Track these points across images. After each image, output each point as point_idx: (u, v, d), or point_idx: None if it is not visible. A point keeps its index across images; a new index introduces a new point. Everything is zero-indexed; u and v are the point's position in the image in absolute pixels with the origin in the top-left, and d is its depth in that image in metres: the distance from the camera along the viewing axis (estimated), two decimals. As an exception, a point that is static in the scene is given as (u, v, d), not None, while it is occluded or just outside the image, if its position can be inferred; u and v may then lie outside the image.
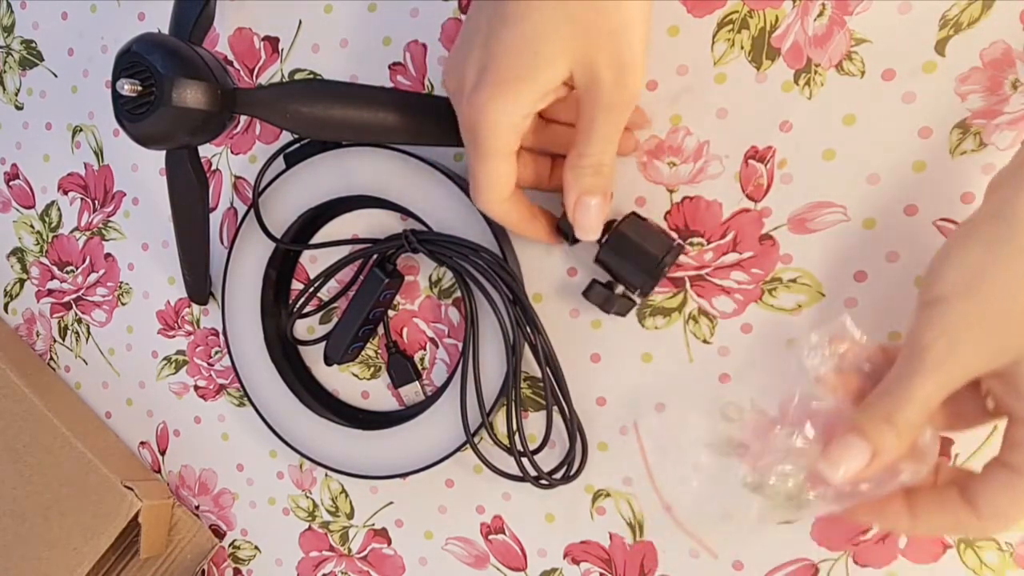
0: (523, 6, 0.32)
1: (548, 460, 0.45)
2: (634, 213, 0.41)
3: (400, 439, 0.47)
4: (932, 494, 0.32)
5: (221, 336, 0.53)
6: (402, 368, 0.49)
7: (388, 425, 0.48)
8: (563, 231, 0.41)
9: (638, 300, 0.42)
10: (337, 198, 0.47)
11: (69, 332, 0.60)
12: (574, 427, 0.44)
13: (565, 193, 0.37)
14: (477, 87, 0.33)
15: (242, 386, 0.51)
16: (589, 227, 0.38)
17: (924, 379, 0.29)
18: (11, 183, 0.61)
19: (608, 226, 0.40)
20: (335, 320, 0.51)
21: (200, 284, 0.52)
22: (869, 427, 0.30)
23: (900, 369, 0.30)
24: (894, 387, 0.30)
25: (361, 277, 0.49)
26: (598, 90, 0.33)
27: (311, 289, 0.49)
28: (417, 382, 0.49)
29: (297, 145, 0.48)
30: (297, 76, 0.50)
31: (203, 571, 0.57)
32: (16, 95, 0.60)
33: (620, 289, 0.41)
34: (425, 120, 0.42)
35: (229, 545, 0.56)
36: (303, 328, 0.52)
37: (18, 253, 0.61)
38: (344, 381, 0.51)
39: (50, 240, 0.60)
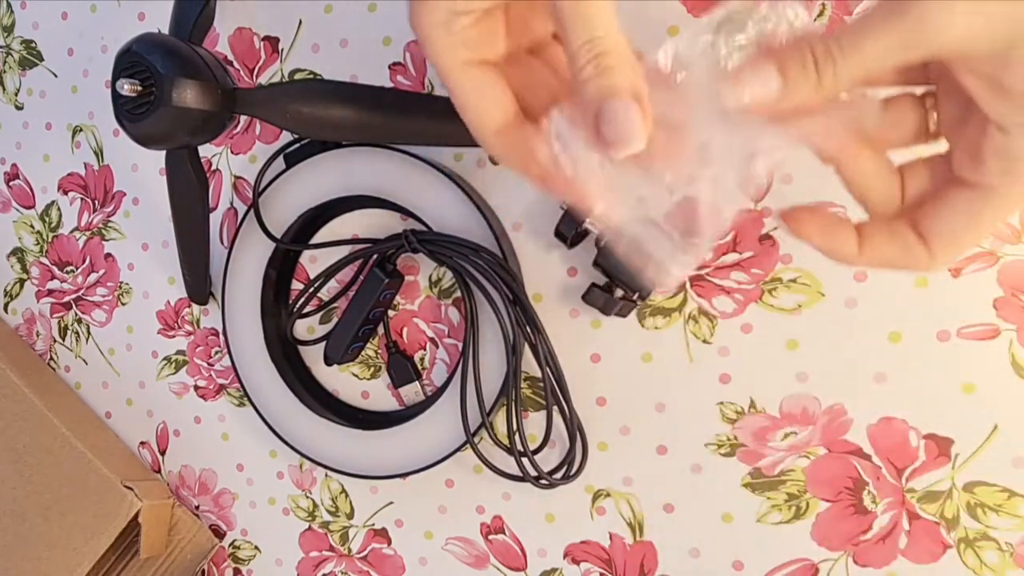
0: None
1: (548, 460, 0.45)
2: None
3: (400, 439, 0.47)
4: (882, 223, 0.29)
5: (221, 336, 0.53)
6: (402, 368, 0.49)
7: (388, 425, 0.48)
8: (561, 234, 0.40)
9: (638, 302, 0.42)
10: (337, 198, 0.47)
11: (69, 332, 0.60)
12: (574, 427, 0.44)
13: (582, 114, 0.26)
14: (408, 11, 0.28)
15: (242, 386, 0.51)
16: (628, 136, 0.25)
17: (888, 30, 0.24)
18: (11, 183, 0.61)
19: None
20: (335, 320, 0.51)
21: (200, 284, 0.52)
22: (790, 65, 0.25)
23: (867, 15, 0.25)
24: (846, 31, 0.25)
25: (361, 277, 0.49)
26: None
27: (311, 289, 0.49)
28: (417, 382, 0.49)
29: (297, 145, 0.48)
30: (297, 76, 0.50)
31: (203, 571, 0.57)
32: (16, 95, 0.60)
33: (620, 292, 0.41)
34: (425, 120, 0.42)
35: (229, 545, 0.56)
36: (303, 328, 0.52)
37: (18, 253, 0.61)
38: (344, 381, 0.51)
39: (50, 240, 0.60)
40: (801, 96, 0.25)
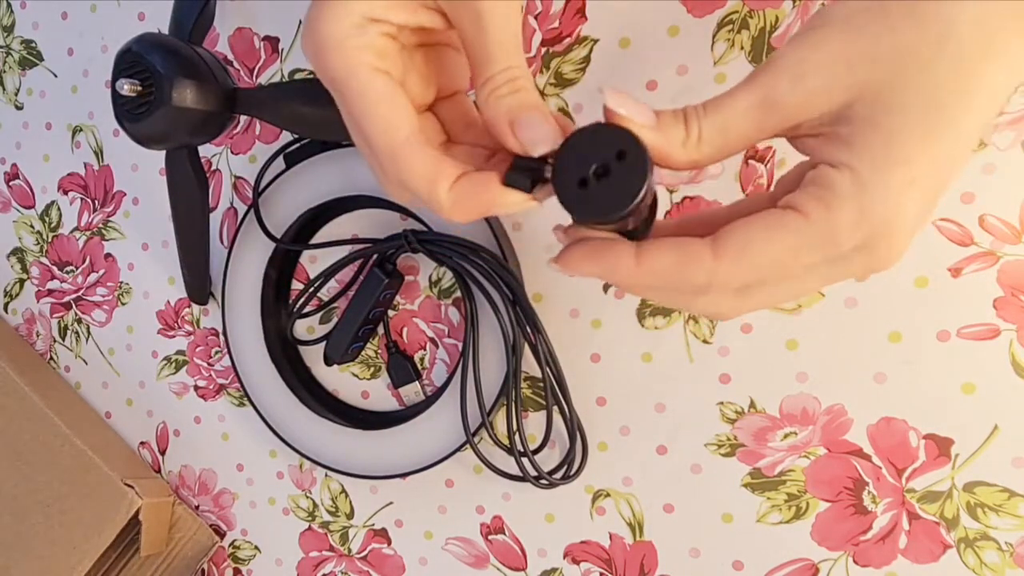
0: None
1: (548, 460, 0.45)
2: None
3: (400, 439, 0.47)
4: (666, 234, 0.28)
5: (221, 336, 0.53)
6: (402, 368, 0.49)
7: (388, 425, 0.48)
8: (514, 184, 0.29)
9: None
10: (337, 198, 0.47)
11: (69, 332, 0.60)
12: (574, 427, 0.44)
13: (493, 129, 0.28)
14: (306, 17, 0.27)
15: (242, 386, 0.51)
16: (538, 138, 0.27)
17: (753, 88, 0.26)
18: (11, 183, 0.61)
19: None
20: (335, 320, 0.51)
21: (200, 284, 0.52)
22: (664, 113, 0.27)
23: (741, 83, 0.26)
24: (711, 100, 0.26)
25: (361, 277, 0.49)
26: None
27: (311, 289, 0.49)
28: (417, 382, 0.49)
29: (297, 145, 0.48)
30: (297, 76, 0.50)
31: (203, 571, 0.57)
32: (16, 95, 0.60)
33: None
34: (425, 120, 0.42)
35: (229, 545, 0.56)
36: (303, 328, 0.52)
37: (18, 253, 0.61)
38: (344, 381, 0.51)
39: (50, 240, 0.60)
40: (668, 139, 0.27)
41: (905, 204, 0.24)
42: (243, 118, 0.52)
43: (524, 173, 0.28)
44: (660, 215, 0.42)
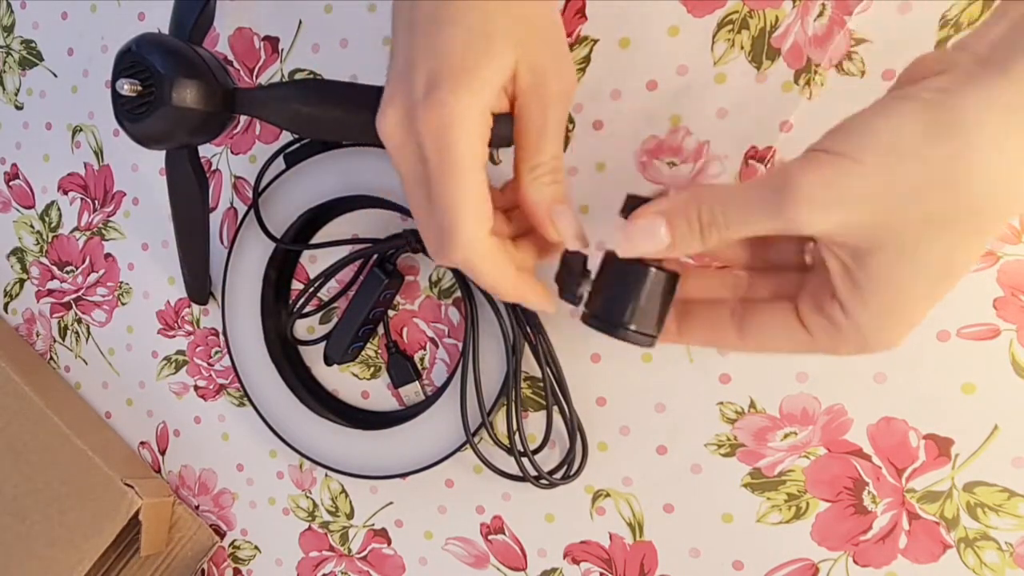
0: (463, 6, 0.30)
1: (548, 460, 0.45)
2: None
3: (400, 439, 0.47)
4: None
5: (221, 336, 0.53)
6: (402, 368, 0.49)
7: (388, 425, 0.48)
8: (565, 286, 0.35)
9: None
10: (337, 198, 0.47)
11: (69, 332, 0.60)
12: (574, 426, 0.44)
13: (533, 213, 0.33)
14: (432, 89, 0.30)
15: (242, 386, 0.51)
16: (574, 233, 0.33)
17: (765, 217, 0.28)
18: (11, 183, 0.61)
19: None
20: (335, 320, 0.51)
21: (200, 284, 0.52)
22: (676, 227, 0.30)
23: (752, 190, 0.29)
24: (732, 203, 0.29)
25: (361, 277, 0.49)
26: (545, 82, 0.31)
27: (311, 289, 0.49)
28: (417, 382, 0.49)
29: (297, 145, 0.48)
30: (297, 76, 0.50)
31: (203, 571, 0.57)
32: (16, 95, 0.60)
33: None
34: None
35: (229, 545, 0.56)
36: (303, 328, 0.52)
37: (18, 253, 0.61)
38: (344, 381, 0.51)
39: (50, 240, 0.60)
40: (684, 252, 0.30)
41: (899, 340, 0.29)
42: (243, 118, 0.52)
43: (571, 284, 0.34)
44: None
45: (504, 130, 0.35)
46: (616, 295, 0.32)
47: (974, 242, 0.26)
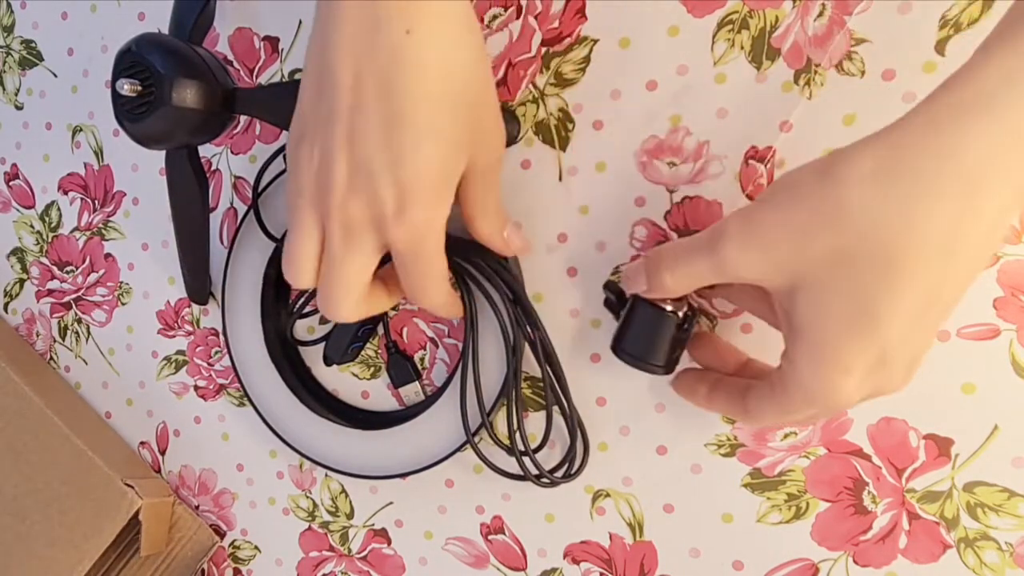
0: (420, 132, 0.32)
1: (549, 459, 0.45)
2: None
3: (400, 439, 0.47)
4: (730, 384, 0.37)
5: (221, 336, 0.53)
6: (402, 368, 0.49)
7: (388, 425, 0.48)
8: (612, 300, 0.42)
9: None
10: None
11: (69, 332, 0.60)
12: (575, 424, 0.44)
13: (491, 239, 0.39)
14: (405, 208, 0.33)
15: (242, 386, 0.51)
16: (525, 246, 0.41)
17: (702, 262, 0.32)
18: (11, 183, 0.61)
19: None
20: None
21: (200, 284, 0.52)
22: (652, 275, 0.35)
23: (703, 233, 0.33)
24: (680, 255, 0.33)
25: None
26: (478, 163, 0.35)
27: (311, 289, 0.49)
28: (417, 382, 0.49)
29: None
30: (297, 76, 0.50)
31: (203, 571, 0.57)
32: (16, 95, 0.60)
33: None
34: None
35: (229, 545, 0.56)
36: (303, 328, 0.52)
37: (18, 253, 0.61)
38: (344, 381, 0.51)
39: (50, 240, 0.60)
40: (659, 293, 0.36)
41: (840, 387, 0.29)
42: (243, 118, 0.52)
43: (613, 301, 0.41)
44: (660, 217, 0.42)
45: (511, 130, 0.41)
46: (629, 329, 0.39)
47: (902, 285, 0.27)
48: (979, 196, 0.26)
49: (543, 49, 0.43)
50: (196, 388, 0.56)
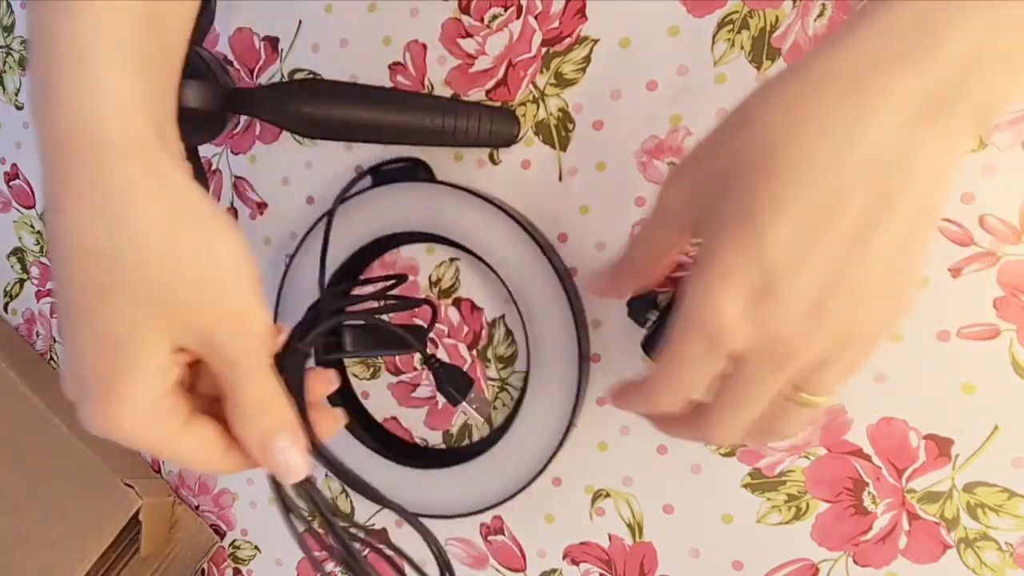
0: (93, 301, 0.27)
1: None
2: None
3: (443, 479, 0.46)
4: None
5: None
6: (458, 379, 0.43)
7: (424, 462, 0.47)
8: (635, 310, 0.40)
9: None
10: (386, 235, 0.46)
11: (69, 332, 0.60)
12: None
13: (248, 450, 0.30)
14: (82, 404, 0.28)
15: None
16: (290, 469, 0.31)
17: (651, 214, 0.31)
18: (11, 183, 0.61)
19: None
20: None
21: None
22: (616, 267, 0.35)
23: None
24: (636, 235, 0.33)
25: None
26: (220, 349, 0.28)
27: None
28: (472, 394, 0.44)
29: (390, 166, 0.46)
30: (297, 76, 0.50)
31: (203, 571, 0.57)
32: (16, 95, 0.60)
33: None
34: (424, 120, 0.42)
35: (229, 545, 0.56)
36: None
37: (18, 253, 0.61)
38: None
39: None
40: (627, 282, 0.35)
41: (720, 299, 0.26)
42: (243, 118, 0.52)
43: (642, 309, 0.39)
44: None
45: (512, 130, 0.38)
46: (662, 329, 0.38)
47: (786, 194, 0.25)
48: (866, 109, 0.24)
49: (543, 49, 0.43)
50: (196, 388, 0.56)
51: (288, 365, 0.31)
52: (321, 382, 0.33)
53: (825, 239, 0.25)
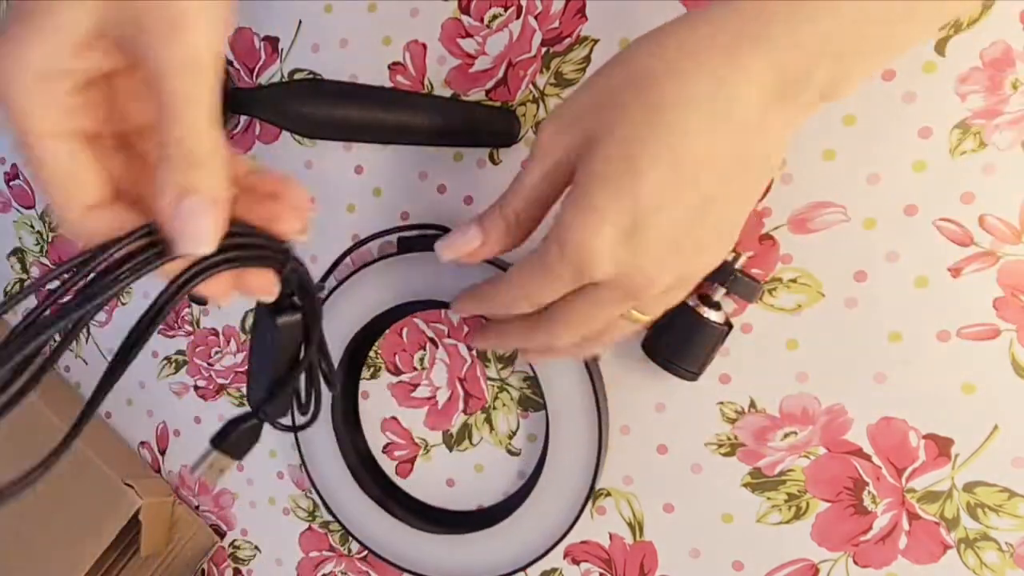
0: None
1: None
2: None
3: (468, 544, 0.46)
4: None
5: (220, 336, 0.53)
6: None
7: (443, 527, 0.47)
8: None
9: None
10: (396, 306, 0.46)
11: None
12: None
13: (157, 195, 0.25)
14: None
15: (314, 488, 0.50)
16: (197, 236, 0.26)
17: (531, 169, 0.32)
18: (11, 183, 0.61)
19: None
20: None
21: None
22: (485, 217, 0.33)
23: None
24: (511, 184, 0.33)
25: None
26: (148, 46, 0.24)
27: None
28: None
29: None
30: (297, 76, 0.50)
31: (203, 571, 0.57)
32: (16, 95, 0.60)
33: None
34: (425, 120, 0.42)
35: (229, 545, 0.56)
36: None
37: (18, 253, 0.61)
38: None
39: (50, 240, 0.60)
40: (502, 241, 0.33)
41: (593, 233, 0.29)
42: (243, 118, 0.52)
43: None
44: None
45: (512, 130, 0.39)
46: (669, 333, 0.40)
47: (668, 133, 0.28)
48: (737, 84, 0.27)
49: (543, 49, 0.43)
50: (196, 388, 0.56)
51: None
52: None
53: (689, 192, 0.28)
